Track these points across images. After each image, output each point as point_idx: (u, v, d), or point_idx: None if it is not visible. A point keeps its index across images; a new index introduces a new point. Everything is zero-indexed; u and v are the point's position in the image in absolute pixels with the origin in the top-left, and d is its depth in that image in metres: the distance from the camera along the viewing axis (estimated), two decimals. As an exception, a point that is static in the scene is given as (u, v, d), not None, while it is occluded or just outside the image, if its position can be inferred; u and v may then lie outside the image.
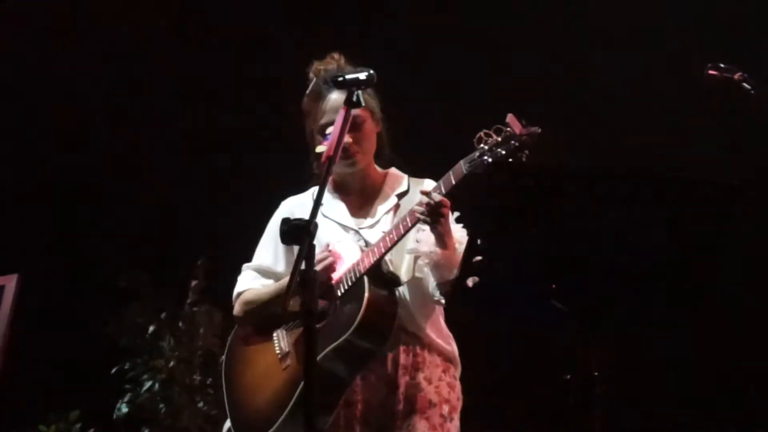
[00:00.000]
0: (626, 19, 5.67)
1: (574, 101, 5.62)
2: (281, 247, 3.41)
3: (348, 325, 3.09)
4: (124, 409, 6.44)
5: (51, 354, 6.39)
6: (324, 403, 3.13)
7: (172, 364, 6.52)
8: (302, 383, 3.03)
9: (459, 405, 3.31)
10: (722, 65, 3.19)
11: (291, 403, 3.13)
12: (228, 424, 3.35)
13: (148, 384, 6.49)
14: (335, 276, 3.21)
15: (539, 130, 2.90)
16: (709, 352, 5.40)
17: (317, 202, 2.72)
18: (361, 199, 3.40)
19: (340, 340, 3.09)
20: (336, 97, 3.27)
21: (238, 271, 3.56)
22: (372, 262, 3.13)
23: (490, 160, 2.89)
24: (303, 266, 2.57)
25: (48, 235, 6.63)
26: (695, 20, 5.45)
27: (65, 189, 6.67)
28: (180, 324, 6.61)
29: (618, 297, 2.47)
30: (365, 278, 3.13)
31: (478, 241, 2.40)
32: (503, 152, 2.90)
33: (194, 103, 6.54)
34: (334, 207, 3.39)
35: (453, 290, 2.62)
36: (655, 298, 2.49)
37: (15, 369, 4.28)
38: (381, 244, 3.14)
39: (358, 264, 3.17)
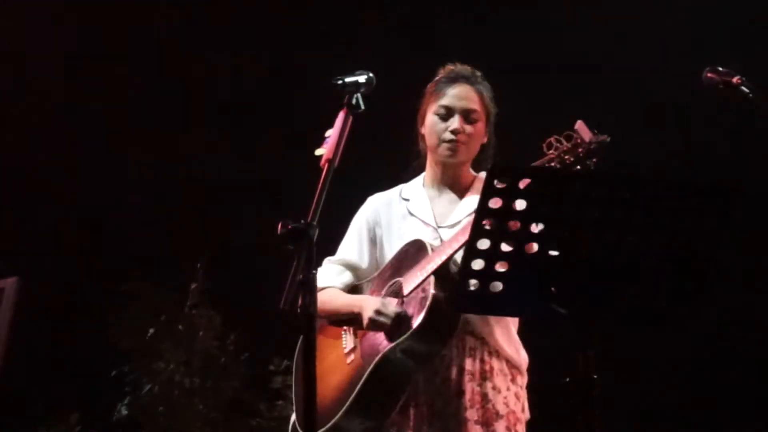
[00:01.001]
0: (627, 19, 5.68)
1: (573, 100, 5.62)
2: (366, 243, 3.42)
3: (409, 325, 3.09)
4: (124, 412, 6.44)
5: (51, 357, 6.40)
6: (384, 401, 3.15)
7: (171, 366, 6.52)
8: (365, 376, 3.13)
9: (524, 417, 3.29)
10: (720, 68, 3.19)
11: (351, 398, 3.14)
12: (293, 416, 3.35)
13: (147, 387, 6.49)
14: (401, 275, 3.21)
15: (608, 139, 2.92)
16: (708, 353, 5.41)
17: (317, 204, 2.70)
18: (449, 197, 3.39)
19: (403, 337, 3.09)
20: (460, 89, 3.31)
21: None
22: (440, 262, 3.11)
23: (558, 166, 2.91)
24: (303, 268, 2.57)
25: (48, 238, 6.63)
26: (694, 22, 5.47)
27: (65, 191, 6.68)
28: (179, 327, 6.62)
29: (617, 299, 2.47)
30: (432, 277, 3.11)
31: (478, 244, 2.40)
32: (571, 158, 2.92)
33: (194, 102, 6.54)
34: (419, 203, 3.40)
35: (453, 293, 2.62)
36: (655, 300, 2.49)
37: (15, 372, 4.27)
38: (452, 244, 3.12)
39: (426, 263, 3.15)
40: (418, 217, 3.36)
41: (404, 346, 3.11)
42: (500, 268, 2.41)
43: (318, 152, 3.32)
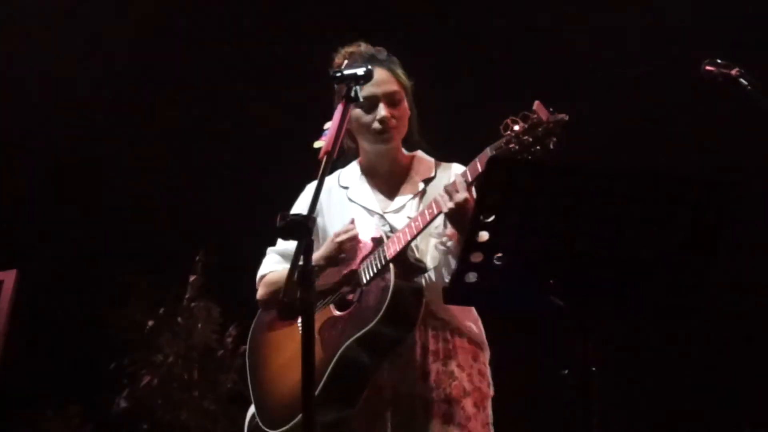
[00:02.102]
0: (626, 19, 5.68)
1: (572, 99, 5.62)
2: None
3: (374, 313, 3.05)
4: (123, 404, 6.45)
5: (50, 349, 6.40)
6: (348, 392, 3.12)
7: (170, 359, 6.53)
8: (328, 370, 3.08)
9: (490, 392, 3.26)
10: (719, 61, 3.19)
11: (317, 392, 3.03)
12: (252, 409, 3.32)
13: (146, 379, 6.50)
14: (357, 264, 3.19)
15: (566, 118, 2.85)
16: (707, 347, 5.42)
17: (315, 197, 2.70)
18: (388, 182, 3.35)
19: (366, 329, 3.06)
20: (377, 72, 3.18)
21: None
22: (398, 249, 3.08)
23: (516, 147, 2.86)
24: (302, 262, 2.56)
25: (47, 231, 6.63)
26: (694, 18, 5.46)
27: (64, 184, 6.68)
28: (178, 319, 6.62)
29: (616, 293, 2.47)
30: (391, 265, 3.08)
31: (476, 237, 2.40)
32: (530, 139, 2.86)
33: (194, 101, 6.54)
34: (360, 190, 3.36)
35: (451, 285, 2.62)
36: (654, 295, 2.49)
37: (14, 364, 4.28)
38: (407, 231, 3.09)
39: (383, 250, 3.12)
40: (360, 204, 3.32)
41: (368, 336, 3.06)
42: (498, 261, 2.41)
43: (316, 145, 3.32)
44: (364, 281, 3.15)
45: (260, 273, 3.41)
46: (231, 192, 6.49)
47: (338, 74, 2.83)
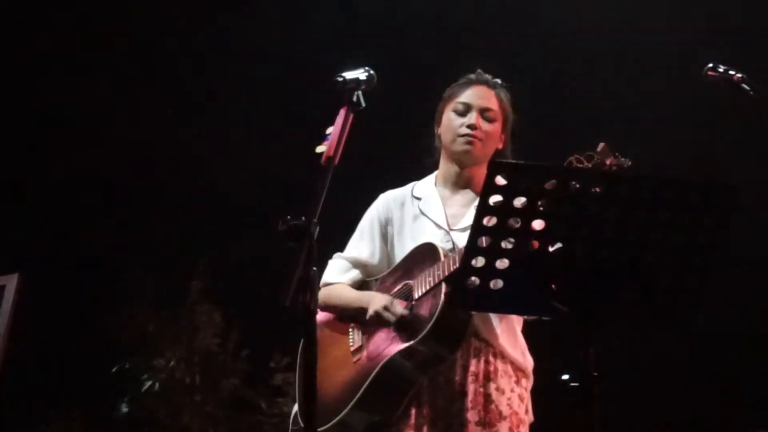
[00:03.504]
0: (626, 18, 5.69)
1: (571, 101, 5.63)
2: (378, 239, 3.39)
3: (421, 327, 3.08)
4: (125, 408, 6.45)
5: (52, 353, 6.40)
6: (389, 400, 3.15)
7: (172, 363, 6.53)
8: (371, 377, 3.12)
9: (527, 419, 3.26)
10: (721, 66, 3.19)
11: (358, 396, 3.13)
12: (295, 408, 3.34)
13: (148, 383, 6.50)
14: (413, 278, 3.20)
15: (629, 163, 2.91)
16: (708, 351, 5.41)
17: (317, 202, 2.70)
18: (462, 198, 3.36)
19: (411, 343, 3.08)
20: (480, 89, 3.31)
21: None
22: (452, 268, 3.07)
23: (578, 186, 2.90)
24: (304, 266, 2.56)
25: (49, 235, 6.63)
26: (695, 20, 5.47)
27: (67, 189, 6.68)
28: (180, 323, 6.63)
29: (617, 297, 2.47)
30: (443, 284, 3.08)
31: (480, 242, 2.40)
32: None
33: (196, 98, 6.55)
34: (432, 204, 3.37)
35: (453, 290, 2.62)
36: (655, 298, 2.49)
37: (16, 368, 4.28)
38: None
39: (438, 267, 3.12)
40: (429, 218, 3.34)
41: (411, 351, 3.10)
42: (501, 265, 2.41)
43: (319, 149, 3.32)
44: (416, 296, 3.17)
45: (325, 279, 3.42)
46: (233, 197, 6.50)
47: (340, 78, 2.83)
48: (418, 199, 3.39)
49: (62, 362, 6.39)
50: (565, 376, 2.60)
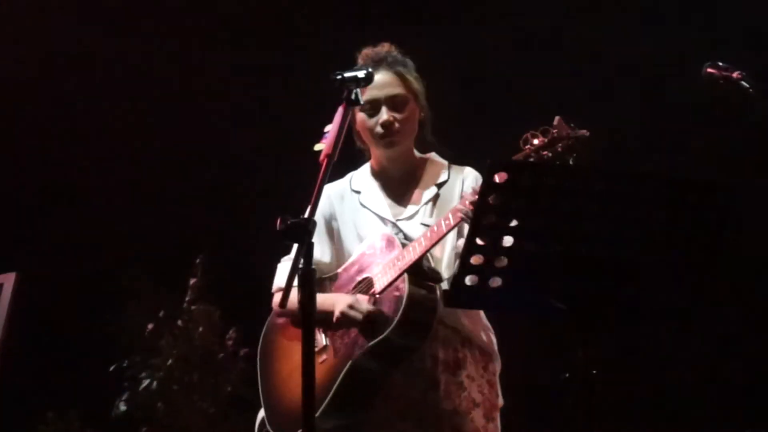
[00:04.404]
0: (626, 18, 5.68)
1: (571, 101, 5.62)
2: (325, 236, 3.35)
3: (387, 322, 3.06)
4: (123, 408, 6.44)
5: (49, 352, 6.39)
6: (360, 400, 3.13)
7: (170, 362, 6.52)
8: (340, 378, 3.10)
9: (499, 403, 3.26)
10: (721, 63, 3.19)
11: (328, 398, 3.11)
12: (262, 413, 3.32)
13: (146, 382, 6.49)
14: (371, 272, 3.18)
15: (587, 134, 2.89)
16: (708, 350, 5.41)
17: (315, 201, 2.70)
18: (400, 186, 3.34)
19: (379, 338, 3.06)
20: (379, 76, 3.19)
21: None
22: (413, 258, 3.07)
23: (535, 161, 2.88)
24: (302, 265, 2.56)
25: (46, 233, 6.62)
26: (695, 19, 5.46)
27: (64, 187, 6.67)
28: (178, 322, 6.61)
29: (617, 295, 2.47)
30: (406, 275, 3.08)
31: (477, 240, 2.40)
32: (549, 154, 2.89)
33: (194, 102, 6.54)
34: (371, 195, 3.34)
35: (452, 288, 2.61)
36: (655, 297, 2.49)
37: (13, 368, 4.27)
38: (422, 241, 3.07)
39: (397, 259, 3.11)
40: (372, 211, 3.31)
41: (381, 346, 3.07)
42: (499, 263, 2.40)
43: (317, 147, 3.31)
44: (379, 289, 3.15)
45: (276, 283, 3.39)
46: (231, 195, 6.49)
47: (338, 77, 2.83)
48: (357, 192, 3.36)
49: (60, 361, 6.38)
50: (565, 374, 2.59)
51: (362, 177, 3.40)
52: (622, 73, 5.61)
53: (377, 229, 3.24)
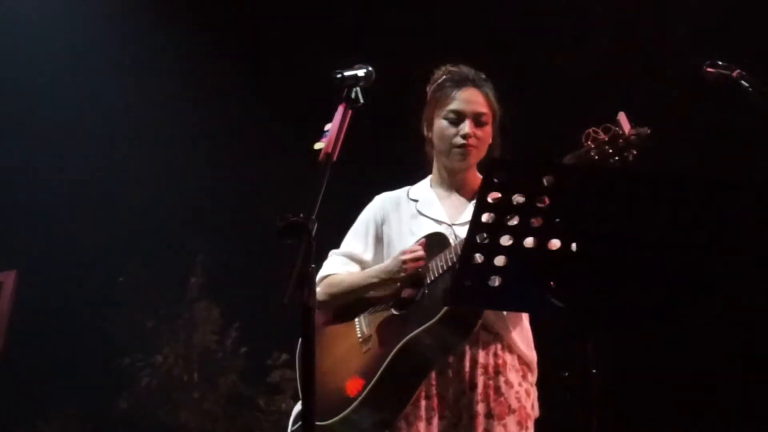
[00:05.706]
0: (627, 18, 5.69)
1: (570, 98, 5.62)
2: (372, 238, 3.39)
3: (434, 313, 3.07)
4: (123, 405, 6.45)
5: (50, 350, 6.40)
6: (398, 393, 3.13)
7: (170, 360, 6.53)
8: (385, 363, 3.10)
9: (534, 414, 3.25)
10: (720, 62, 3.19)
11: (369, 387, 3.12)
12: (298, 406, 3.32)
13: (146, 380, 6.50)
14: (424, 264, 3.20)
15: (648, 131, 2.90)
16: (708, 349, 5.41)
17: (316, 198, 2.69)
18: (458, 199, 3.36)
19: (427, 325, 3.07)
20: (468, 93, 3.28)
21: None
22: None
23: (596, 157, 2.89)
24: (301, 262, 2.56)
25: (47, 232, 6.63)
26: (694, 19, 5.47)
27: (64, 186, 6.68)
28: (178, 321, 6.63)
29: (617, 294, 2.46)
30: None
31: (478, 239, 2.40)
32: (610, 150, 2.91)
33: (194, 101, 6.55)
34: (429, 203, 3.37)
35: (451, 287, 2.61)
36: (654, 296, 2.49)
37: (14, 365, 4.28)
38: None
39: (450, 252, 3.13)
40: (429, 217, 3.34)
41: (427, 334, 3.09)
42: (499, 262, 2.41)
43: (317, 146, 3.31)
44: (428, 281, 3.17)
45: (322, 273, 3.42)
46: (231, 193, 6.49)
47: (338, 75, 2.83)
48: (415, 201, 3.40)
49: (60, 359, 6.39)
50: (564, 374, 2.59)
51: (421, 189, 3.44)
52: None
53: (432, 228, 3.27)
